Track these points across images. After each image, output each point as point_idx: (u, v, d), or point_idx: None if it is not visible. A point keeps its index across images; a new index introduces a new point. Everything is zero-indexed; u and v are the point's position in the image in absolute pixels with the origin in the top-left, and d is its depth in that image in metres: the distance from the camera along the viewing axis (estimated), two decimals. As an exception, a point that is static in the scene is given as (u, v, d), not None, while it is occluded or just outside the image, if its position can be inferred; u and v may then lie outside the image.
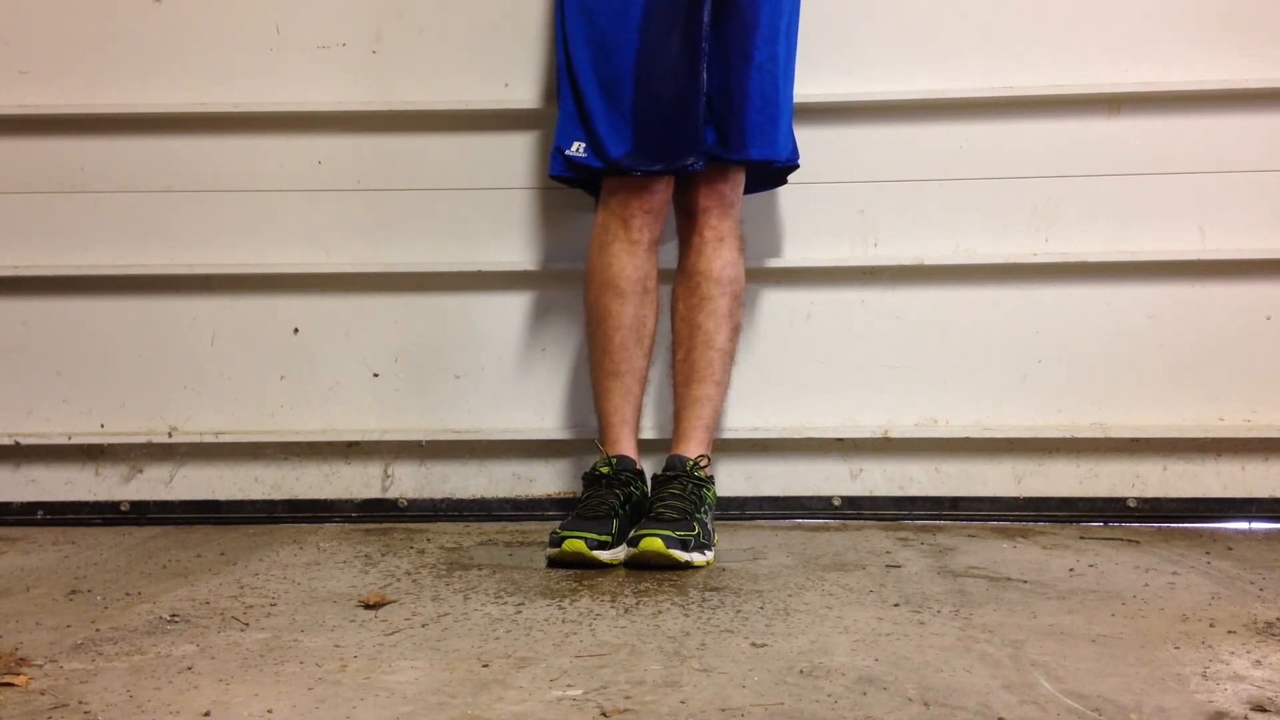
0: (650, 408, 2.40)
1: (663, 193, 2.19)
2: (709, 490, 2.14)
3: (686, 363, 2.21)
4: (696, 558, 2.00)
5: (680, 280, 2.24)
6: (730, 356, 2.22)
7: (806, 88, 2.39)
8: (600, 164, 2.15)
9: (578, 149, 2.17)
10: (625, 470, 2.15)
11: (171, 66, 2.46)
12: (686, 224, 2.24)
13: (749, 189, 2.29)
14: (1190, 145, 2.39)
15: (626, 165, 2.13)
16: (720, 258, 2.20)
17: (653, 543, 1.96)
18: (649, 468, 2.25)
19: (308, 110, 2.45)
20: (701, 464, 2.15)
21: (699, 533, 2.02)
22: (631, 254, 2.17)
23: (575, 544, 1.99)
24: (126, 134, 2.47)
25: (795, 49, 2.25)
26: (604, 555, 2.00)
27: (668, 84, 2.12)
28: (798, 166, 2.29)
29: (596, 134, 2.15)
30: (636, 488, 2.15)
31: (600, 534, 2.01)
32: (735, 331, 2.23)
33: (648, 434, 2.39)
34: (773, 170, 2.28)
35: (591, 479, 2.16)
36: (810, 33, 2.38)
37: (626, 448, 2.20)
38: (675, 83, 2.12)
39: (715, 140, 2.16)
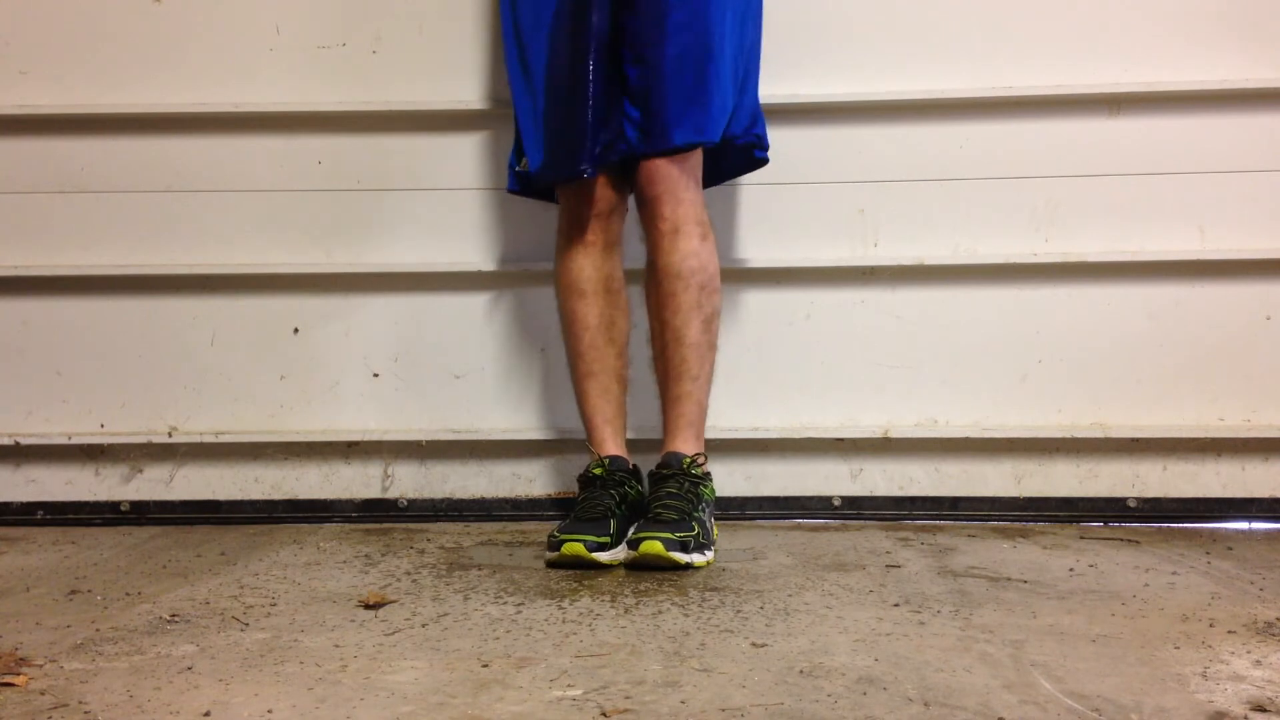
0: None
1: (605, 195, 2.17)
2: (706, 487, 2.13)
3: (662, 360, 2.19)
4: (697, 558, 2.00)
5: (648, 277, 2.20)
6: (705, 348, 2.17)
7: (806, 88, 2.39)
8: (531, 176, 2.19)
9: (524, 164, 2.21)
10: (619, 470, 2.15)
11: (171, 66, 2.46)
12: (644, 217, 2.17)
13: (724, 176, 2.27)
14: (1190, 145, 2.39)
15: (538, 177, 2.17)
16: (678, 250, 2.14)
17: (652, 545, 1.96)
18: (643, 467, 2.25)
19: (308, 110, 2.45)
20: (698, 461, 2.15)
21: (698, 533, 2.02)
22: (588, 256, 2.19)
23: (574, 546, 1.99)
24: (126, 134, 2.47)
25: (730, 30, 2.14)
26: (603, 556, 2.00)
27: (565, 91, 2.11)
28: (765, 146, 2.24)
29: (524, 147, 2.19)
30: (632, 487, 2.15)
31: (599, 535, 2.01)
32: (707, 322, 2.16)
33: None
34: (727, 153, 2.23)
35: (586, 481, 2.16)
36: (810, 33, 2.38)
37: (614, 447, 2.20)
38: (568, 89, 2.11)
39: (638, 136, 2.12)
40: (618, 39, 2.11)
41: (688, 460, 2.14)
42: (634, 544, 1.99)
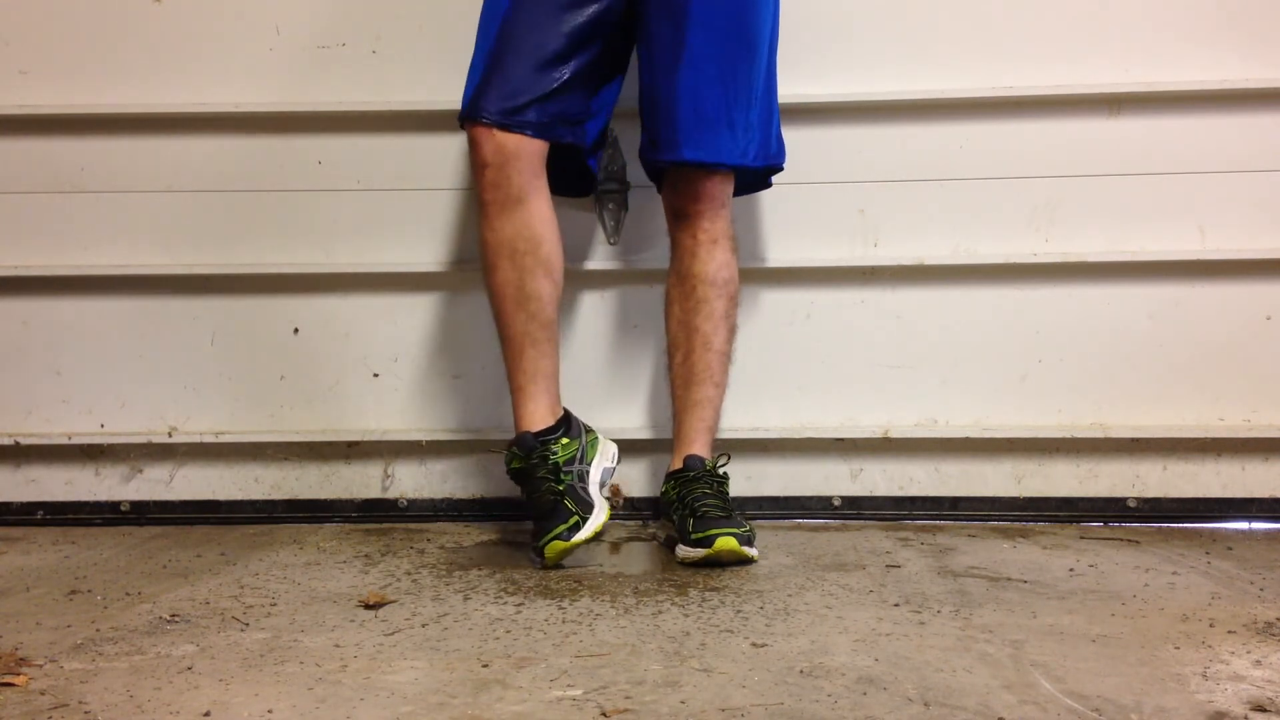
0: (644, 405, 2.41)
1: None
2: (726, 488, 2.15)
3: (686, 365, 2.20)
4: (753, 551, 2.04)
5: (675, 284, 2.22)
6: (728, 358, 2.22)
7: (807, 88, 2.39)
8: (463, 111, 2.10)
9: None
10: (523, 447, 2.06)
11: (171, 66, 2.46)
12: (678, 227, 2.21)
13: (738, 191, 2.25)
14: (1190, 145, 2.39)
15: (467, 110, 2.08)
16: (714, 260, 2.18)
17: (728, 541, 1.98)
18: (644, 469, 2.25)
19: (308, 110, 2.45)
20: (721, 463, 2.17)
21: (749, 528, 2.07)
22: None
23: (554, 546, 1.97)
24: (126, 134, 2.47)
25: (761, 52, 2.15)
26: (582, 535, 1.99)
27: (522, 41, 2.04)
28: (779, 169, 2.24)
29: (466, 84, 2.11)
30: (550, 451, 2.06)
31: (565, 522, 1.98)
32: (732, 333, 2.23)
33: (644, 434, 2.40)
34: (742, 174, 2.22)
35: (514, 475, 2.09)
36: (811, 32, 2.38)
37: (527, 423, 2.10)
38: (532, 40, 2.04)
39: (647, 142, 2.15)
40: (632, 34, 2.12)
41: (710, 463, 2.15)
42: (705, 542, 2.00)
